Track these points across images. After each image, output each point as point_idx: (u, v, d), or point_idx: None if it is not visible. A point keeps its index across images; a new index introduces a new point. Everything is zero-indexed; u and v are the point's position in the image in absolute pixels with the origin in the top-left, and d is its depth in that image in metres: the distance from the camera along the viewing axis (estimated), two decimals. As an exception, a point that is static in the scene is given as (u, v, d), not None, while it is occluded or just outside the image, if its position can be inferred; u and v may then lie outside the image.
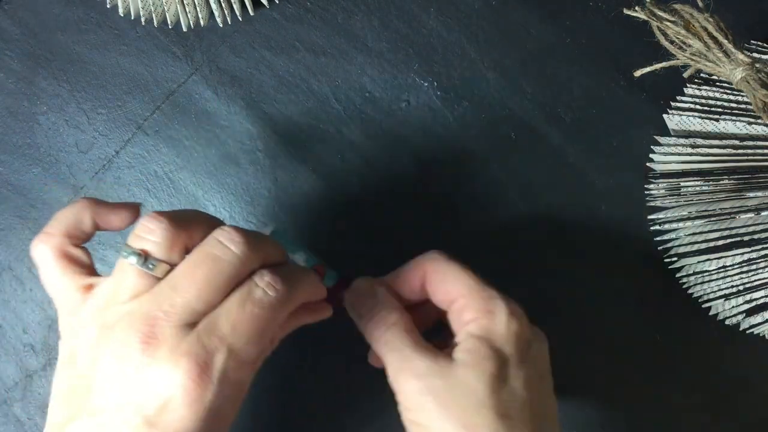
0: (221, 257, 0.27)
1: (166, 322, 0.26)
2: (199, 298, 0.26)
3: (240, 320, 0.26)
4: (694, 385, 0.39)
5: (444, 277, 0.30)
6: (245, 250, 0.27)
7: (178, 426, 0.25)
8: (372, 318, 0.30)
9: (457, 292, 0.30)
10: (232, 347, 0.26)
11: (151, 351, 0.25)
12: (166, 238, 0.27)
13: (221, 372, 0.26)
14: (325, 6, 0.42)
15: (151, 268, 0.27)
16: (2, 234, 0.40)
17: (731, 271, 0.37)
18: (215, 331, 0.26)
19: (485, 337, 0.29)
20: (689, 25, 0.36)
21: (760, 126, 0.37)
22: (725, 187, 0.37)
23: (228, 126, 0.41)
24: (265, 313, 0.27)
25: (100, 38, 0.42)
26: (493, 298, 0.30)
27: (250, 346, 0.26)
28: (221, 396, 0.26)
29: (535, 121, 0.41)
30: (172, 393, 0.25)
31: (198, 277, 0.26)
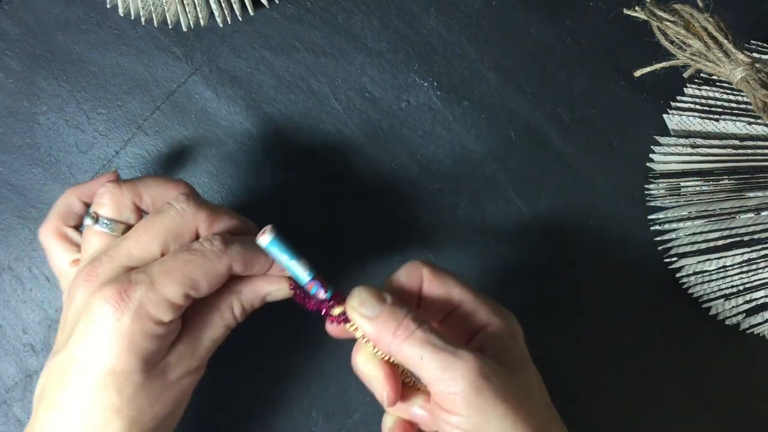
0: (166, 213, 0.29)
1: (107, 263, 0.28)
2: (137, 243, 0.29)
3: (170, 263, 0.28)
4: (694, 384, 0.39)
5: (443, 282, 0.30)
6: (187, 207, 0.29)
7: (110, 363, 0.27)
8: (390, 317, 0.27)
9: (460, 297, 0.29)
10: (154, 282, 0.27)
11: (90, 287, 0.28)
12: (111, 198, 0.30)
13: (140, 302, 0.27)
14: (325, 6, 0.42)
15: (105, 226, 0.30)
16: (2, 234, 0.40)
17: (731, 271, 0.37)
18: (145, 270, 0.28)
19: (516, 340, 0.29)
20: (689, 25, 0.36)
21: (760, 126, 0.37)
22: (725, 187, 0.37)
23: (228, 126, 0.41)
24: (195, 260, 0.28)
25: (100, 38, 0.42)
26: (498, 304, 0.30)
27: (173, 286, 0.27)
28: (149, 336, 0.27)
29: (535, 121, 0.41)
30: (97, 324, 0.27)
31: (140, 226, 0.29)
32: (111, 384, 0.27)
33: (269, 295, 0.31)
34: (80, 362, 0.27)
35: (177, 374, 0.29)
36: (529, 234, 0.40)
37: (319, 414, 0.39)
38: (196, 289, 0.28)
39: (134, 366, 0.27)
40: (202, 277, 0.28)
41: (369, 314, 0.28)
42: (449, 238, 0.40)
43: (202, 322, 0.30)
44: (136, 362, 0.27)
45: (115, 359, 0.27)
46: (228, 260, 0.29)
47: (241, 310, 0.31)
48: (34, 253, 0.40)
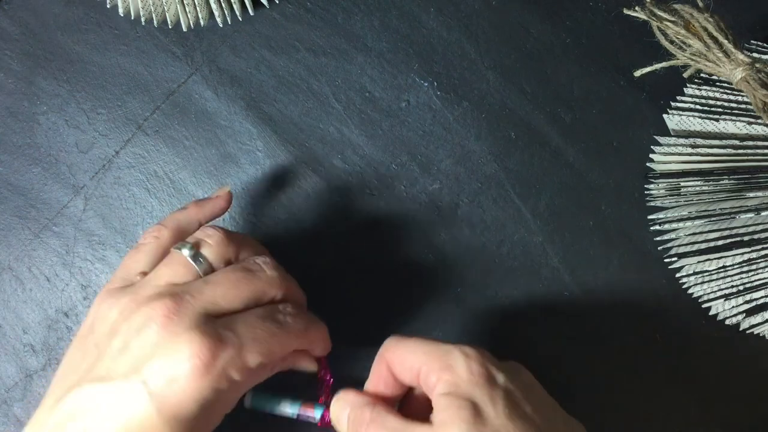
0: (254, 272, 0.30)
1: (190, 304, 0.28)
2: (224, 296, 0.29)
3: (257, 329, 0.29)
4: (694, 384, 0.39)
5: (402, 356, 0.30)
6: (275, 275, 0.31)
7: (175, 405, 0.27)
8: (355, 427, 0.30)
9: (416, 363, 0.29)
10: (243, 348, 0.28)
11: (171, 326, 0.27)
12: (218, 244, 0.31)
13: (226, 365, 0.27)
14: (325, 6, 0.42)
15: (198, 262, 0.30)
16: (2, 234, 0.40)
17: (731, 271, 0.37)
18: (233, 329, 0.28)
19: (452, 392, 0.28)
20: (689, 25, 0.36)
21: (760, 126, 0.37)
22: (725, 187, 0.37)
23: (228, 126, 0.41)
24: (280, 335, 0.29)
25: (100, 38, 0.42)
26: (448, 352, 0.29)
27: (256, 356, 0.28)
28: (217, 391, 0.27)
29: (535, 121, 0.41)
30: (179, 369, 0.27)
31: (230, 279, 0.30)
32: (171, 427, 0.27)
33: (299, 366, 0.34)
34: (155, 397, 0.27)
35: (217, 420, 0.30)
36: (529, 234, 0.40)
37: (319, 414, 0.39)
38: (270, 360, 0.29)
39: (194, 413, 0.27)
40: (279, 351, 0.29)
41: (344, 429, 0.30)
42: (449, 238, 0.40)
43: None
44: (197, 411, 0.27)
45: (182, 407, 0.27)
46: (302, 342, 0.31)
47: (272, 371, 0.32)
48: (34, 253, 0.40)
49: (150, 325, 0.27)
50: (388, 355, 0.31)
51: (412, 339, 0.30)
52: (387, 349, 0.31)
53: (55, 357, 0.39)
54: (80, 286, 0.40)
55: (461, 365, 0.28)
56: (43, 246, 0.40)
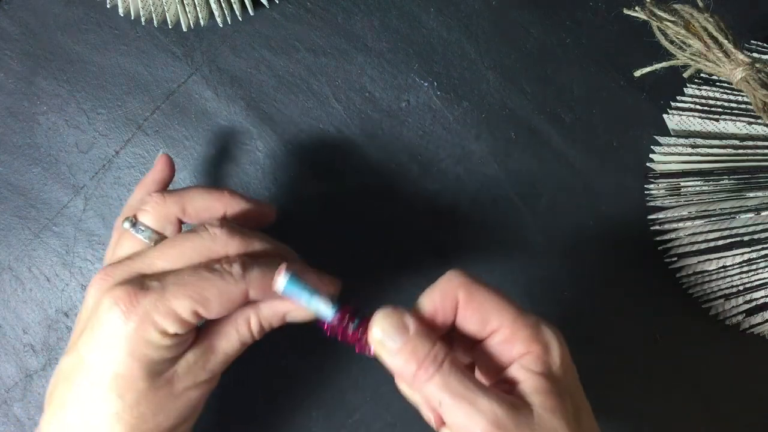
0: (198, 233, 0.29)
1: (126, 266, 0.28)
2: (162, 255, 0.28)
3: (185, 277, 0.27)
4: (694, 384, 0.39)
5: (482, 304, 0.27)
6: (218, 232, 0.29)
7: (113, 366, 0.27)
8: (412, 355, 0.25)
9: (498, 321, 0.26)
10: (165, 292, 0.27)
11: (102, 285, 0.28)
12: (154, 207, 0.30)
13: (148, 309, 0.26)
14: (325, 6, 0.42)
15: (140, 232, 0.30)
16: (2, 234, 0.40)
17: (731, 271, 0.37)
18: (159, 279, 0.27)
19: (548, 374, 0.26)
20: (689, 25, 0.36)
21: (760, 126, 0.37)
22: (725, 187, 0.37)
23: (228, 126, 0.41)
24: (214, 279, 0.27)
25: (100, 38, 0.42)
26: (540, 326, 0.27)
27: (183, 300, 0.27)
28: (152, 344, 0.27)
29: (535, 121, 0.41)
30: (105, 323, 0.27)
31: (170, 242, 0.29)
32: (114, 388, 0.27)
33: (289, 314, 0.30)
34: (86, 363, 0.27)
35: (184, 385, 0.28)
36: (529, 234, 0.40)
37: (319, 414, 0.39)
38: (206, 307, 0.27)
39: (137, 373, 0.27)
40: (215, 297, 0.27)
41: (390, 347, 0.26)
42: (449, 238, 0.40)
43: (216, 335, 0.29)
44: (139, 369, 0.27)
45: (119, 363, 0.27)
46: (244, 285, 0.28)
47: (259, 328, 0.30)
48: (34, 253, 0.40)
49: (89, 292, 0.28)
50: (463, 293, 0.27)
51: (492, 290, 0.27)
52: (463, 286, 0.27)
53: (55, 357, 0.39)
54: (80, 286, 0.40)
55: (556, 349, 0.26)
56: (43, 246, 0.40)
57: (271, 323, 0.30)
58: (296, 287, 0.27)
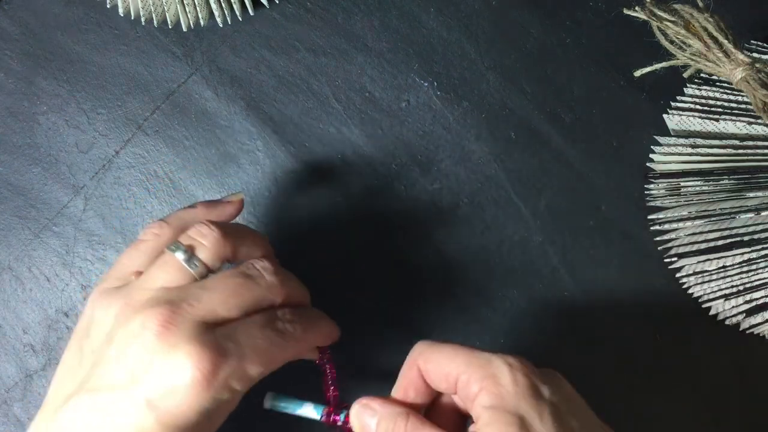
0: (253, 278, 0.29)
1: (187, 313, 0.27)
2: (223, 303, 0.28)
3: (258, 339, 0.28)
4: (694, 384, 0.39)
5: (438, 362, 0.28)
6: (275, 281, 0.30)
7: (175, 416, 0.26)
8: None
9: (455, 370, 0.28)
10: (243, 358, 0.27)
11: (168, 336, 0.26)
12: (214, 245, 0.30)
13: (228, 376, 0.27)
14: (325, 6, 0.42)
15: (193, 267, 0.29)
16: (2, 234, 0.40)
17: (731, 271, 0.37)
18: (233, 339, 0.27)
19: (497, 405, 0.27)
20: (689, 25, 0.36)
21: (760, 126, 0.37)
22: (725, 187, 0.37)
23: (228, 126, 0.41)
24: (280, 343, 0.29)
25: (100, 38, 0.42)
26: (490, 360, 0.28)
27: (256, 366, 0.28)
28: (218, 401, 0.27)
29: (535, 121, 0.41)
30: (179, 381, 0.26)
31: (229, 285, 0.29)
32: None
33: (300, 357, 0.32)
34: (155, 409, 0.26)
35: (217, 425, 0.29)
36: (529, 234, 0.40)
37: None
38: (273, 369, 0.29)
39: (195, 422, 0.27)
40: (280, 359, 0.29)
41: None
42: (449, 238, 0.40)
43: None
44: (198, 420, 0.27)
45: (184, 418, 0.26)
46: (303, 345, 0.30)
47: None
48: (34, 253, 0.40)
49: (145, 335, 0.26)
50: (421, 360, 0.29)
51: (447, 344, 0.29)
52: (420, 354, 0.29)
53: (55, 357, 0.39)
54: (80, 286, 0.40)
55: (506, 376, 0.27)
56: (43, 246, 0.40)
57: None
58: (283, 403, 0.32)
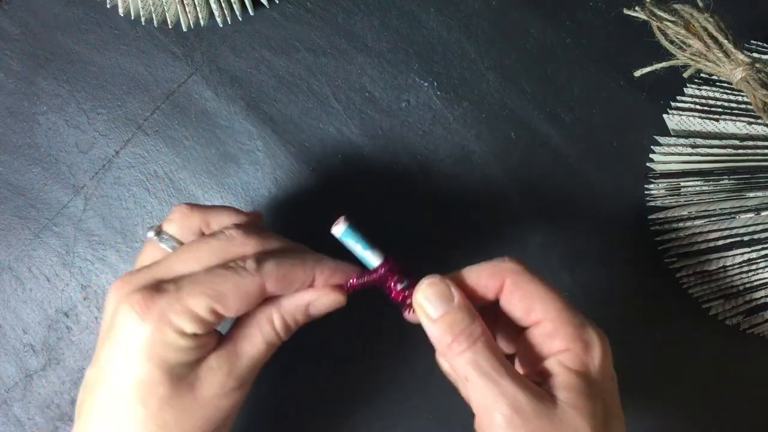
0: (215, 236, 0.29)
1: (144, 272, 0.28)
2: (179, 259, 0.28)
3: (200, 276, 0.27)
4: (695, 384, 0.39)
5: (529, 294, 0.27)
6: (237, 234, 0.29)
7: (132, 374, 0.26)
8: (450, 326, 0.27)
9: (543, 313, 0.27)
10: (181, 291, 0.26)
11: (120, 292, 0.27)
12: (181, 217, 0.30)
13: (164, 309, 0.26)
14: (325, 6, 0.42)
15: (165, 242, 0.30)
16: (2, 234, 0.40)
17: (731, 271, 0.37)
18: (175, 281, 0.27)
19: (584, 373, 0.26)
20: (689, 25, 0.36)
21: (760, 126, 0.37)
22: (725, 187, 0.37)
23: (228, 126, 0.41)
24: (230, 275, 0.27)
25: (100, 38, 0.42)
26: (585, 326, 0.27)
27: (200, 298, 0.26)
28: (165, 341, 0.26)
29: (535, 121, 0.41)
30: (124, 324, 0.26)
31: (187, 246, 0.29)
32: (136, 395, 0.26)
33: (312, 305, 0.30)
34: (107, 371, 0.27)
35: (210, 393, 0.27)
36: (529, 234, 0.40)
37: (320, 414, 0.39)
38: (223, 304, 0.27)
39: (158, 377, 0.26)
40: (231, 293, 0.27)
41: (431, 314, 0.27)
42: (449, 239, 0.40)
43: (239, 338, 0.29)
44: (159, 373, 0.26)
45: (139, 369, 0.26)
46: (260, 278, 0.27)
47: (283, 325, 0.29)
48: (34, 253, 0.40)
49: (108, 299, 0.28)
50: (512, 280, 0.27)
51: (543, 283, 0.27)
52: (514, 273, 0.27)
53: (55, 357, 0.39)
54: (80, 286, 0.40)
55: (597, 351, 0.26)
56: (43, 246, 0.40)
57: (295, 318, 0.29)
58: (353, 235, 0.29)
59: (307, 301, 0.29)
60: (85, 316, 0.40)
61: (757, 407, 0.40)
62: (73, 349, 0.39)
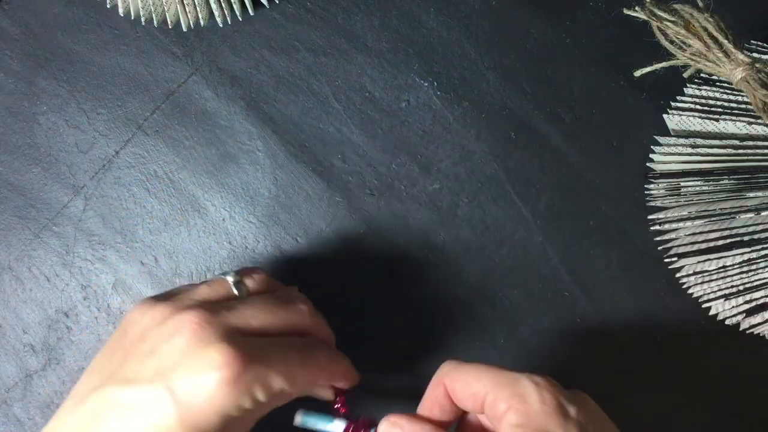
0: (289, 301, 0.31)
1: (223, 317, 0.28)
2: (256, 317, 0.29)
3: (287, 353, 0.29)
4: (694, 384, 0.39)
5: (465, 382, 0.29)
6: (306, 309, 0.32)
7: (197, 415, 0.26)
8: None
9: (482, 390, 0.28)
10: (270, 368, 0.28)
11: (202, 334, 0.27)
12: (262, 281, 0.32)
13: (253, 380, 0.27)
14: (325, 6, 0.42)
15: (239, 289, 0.31)
16: (2, 234, 0.40)
17: (731, 271, 0.37)
18: (263, 348, 0.28)
19: (525, 423, 0.27)
20: (689, 25, 0.36)
21: (760, 126, 0.37)
22: (725, 187, 0.37)
23: (228, 126, 0.41)
24: (305, 363, 0.29)
25: (100, 38, 0.42)
26: (518, 380, 0.28)
27: (281, 380, 0.28)
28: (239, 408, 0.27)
29: (535, 121, 0.41)
30: (206, 378, 0.26)
31: (265, 302, 0.30)
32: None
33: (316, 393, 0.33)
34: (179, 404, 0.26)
35: None
36: (529, 234, 0.40)
37: (319, 414, 0.39)
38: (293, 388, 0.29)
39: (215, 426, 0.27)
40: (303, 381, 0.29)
41: None
42: (449, 239, 0.40)
43: None
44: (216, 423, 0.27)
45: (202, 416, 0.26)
46: (325, 377, 0.31)
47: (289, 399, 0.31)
48: (34, 253, 0.40)
49: (181, 332, 0.27)
50: (448, 379, 0.30)
51: (474, 364, 0.29)
52: (447, 373, 0.30)
53: (55, 357, 0.39)
54: (80, 286, 0.40)
55: (533, 395, 0.27)
56: (43, 246, 0.40)
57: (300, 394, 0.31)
58: (312, 419, 0.32)
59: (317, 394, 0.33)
60: (85, 316, 0.40)
61: (757, 407, 0.40)
62: (73, 349, 0.39)
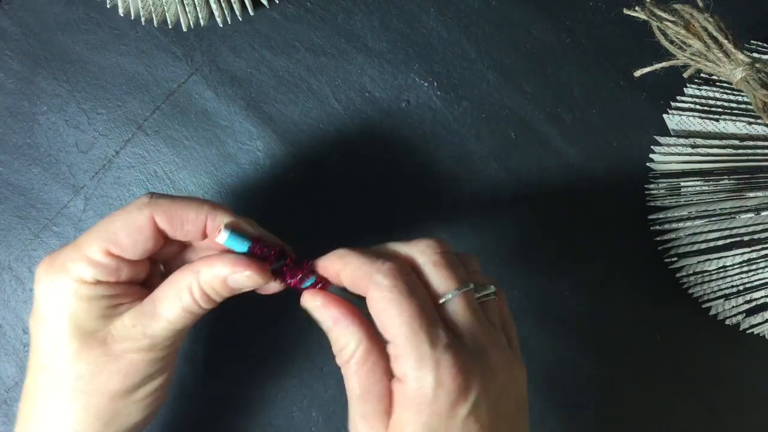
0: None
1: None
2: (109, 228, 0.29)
3: (98, 224, 0.28)
4: (694, 384, 0.39)
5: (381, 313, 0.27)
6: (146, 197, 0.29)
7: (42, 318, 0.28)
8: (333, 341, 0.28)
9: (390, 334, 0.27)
10: (78, 241, 0.28)
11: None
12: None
13: (62, 260, 0.28)
14: (325, 6, 0.42)
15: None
16: (2, 234, 0.40)
17: (731, 271, 0.37)
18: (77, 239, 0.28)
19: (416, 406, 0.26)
20: (689, 25, 0.36)
21: (760, 126, 0.37)
22: (725, 187, 0.37)
23: (228, 126, 0.41)
24: (118, 214, 0.28)
25: (100, 38, 0.42)
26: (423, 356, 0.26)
27: (94, 241, 0.28)
28: (69, 290, 0.27)
29: (535, 121, 0.41)
30: (35, 284, 0.28)
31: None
32: (48, 352, 0.28)
33: (231, 279, 0.28)
34: (31, 334, 0.29)
35: (122, 347, 0.28)
36: (529, 234, 0.40)
37: (319, 414, 0.39)
38: (115, 243, 0.27)
39: (66, 330, 0.27)
40: (122, 230, 0.27)
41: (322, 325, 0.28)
42: (449, 239, 0.40)
43: (158, 300, 0.28)
44: (67, 326, 0.27)
45: (49, 324, 0.27)
46: (148, 211, 0.27)
47: (201, 293, 0.28)
48: (34, 253, 0.40)
49: None
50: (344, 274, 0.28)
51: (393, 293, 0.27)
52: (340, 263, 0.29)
53: (55, 357, 0.39)
54: (80, 286, 0.40)
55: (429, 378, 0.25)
56: (43, 246, 0.40)
57: (214, 289, 0.29)
58: (236, 239, 0.28)
59: (225, 273, 0.28)
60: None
61: (757, 407, 0.40)
62: (73, 349, 0.39)
